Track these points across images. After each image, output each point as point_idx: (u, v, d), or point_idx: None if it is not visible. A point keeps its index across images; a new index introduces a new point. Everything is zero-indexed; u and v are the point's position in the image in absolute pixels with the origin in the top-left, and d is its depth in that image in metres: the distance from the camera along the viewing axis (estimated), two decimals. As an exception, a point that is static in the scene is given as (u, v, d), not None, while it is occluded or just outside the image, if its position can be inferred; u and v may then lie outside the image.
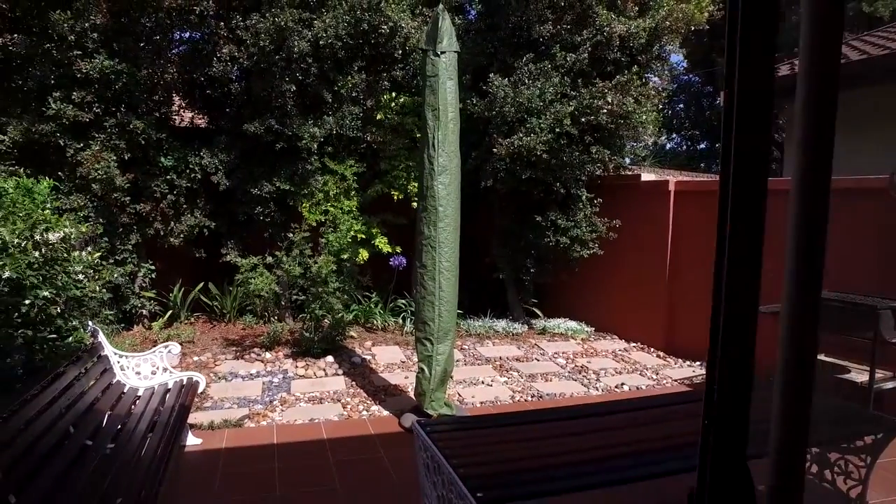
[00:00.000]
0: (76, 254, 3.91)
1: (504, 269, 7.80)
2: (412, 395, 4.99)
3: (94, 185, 6.06)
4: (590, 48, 6.66)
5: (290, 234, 6.70)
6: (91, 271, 4.10)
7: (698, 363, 6.35)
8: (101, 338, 3.90)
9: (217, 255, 7.09)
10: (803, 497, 0.83)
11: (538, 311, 7.95)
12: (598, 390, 5.58)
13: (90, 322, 3.96)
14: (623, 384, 5.71)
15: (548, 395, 5.40)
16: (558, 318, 7.87)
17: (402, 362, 6.22)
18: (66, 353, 3.62)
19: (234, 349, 6.42)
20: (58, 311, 3.63)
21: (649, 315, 7.01)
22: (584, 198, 7.08)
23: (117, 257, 6.49)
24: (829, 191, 0.77)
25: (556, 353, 6.72)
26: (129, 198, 6.43)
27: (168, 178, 6.64)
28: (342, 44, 6.52)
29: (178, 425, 3.48)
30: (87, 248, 5.11)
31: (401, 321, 7.55)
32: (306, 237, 6.60)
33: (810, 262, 0.79)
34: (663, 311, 6.83)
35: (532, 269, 7.51)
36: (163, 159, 6.61)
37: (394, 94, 7.46)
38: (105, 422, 3.41)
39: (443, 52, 4.38)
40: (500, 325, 7.58)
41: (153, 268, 6.88)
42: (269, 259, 6.56)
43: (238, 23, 6.29)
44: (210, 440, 4.18)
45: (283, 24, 6.07)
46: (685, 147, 26.11)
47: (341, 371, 5.88)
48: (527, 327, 7.70)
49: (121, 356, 4.04)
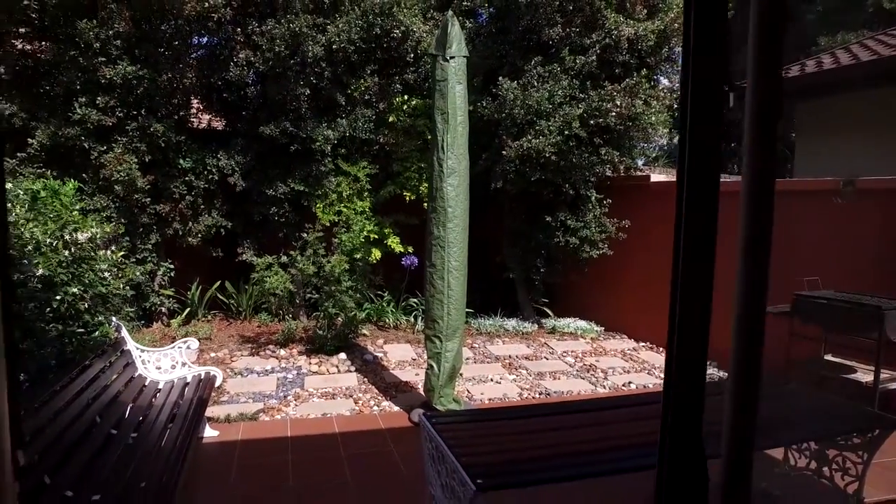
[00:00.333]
0: (101, 253, 4.11)
1: (514, 268, 7.89)
2: (422, 391, 5.10)
3: (116, 186, 6.28)
4: (598, 51, 6.73)
5: (305, 234, 6.86)
6: (115, 269, 4.30)
7: (708, 363, 6.38)
8: (125, 333, 4.08)
9: (233, 254, 7.30)
10: (750, 494, 0.87)
11: (548, 311, 8.04)
12: (605, 388, 5.66)
13: (114, 318, 4.16)
14: (630, 382, 5.78)
15: (555, 392, 5.49)
16: (568, 318, 7.95)
17: (413, 360, 6.34)
18: (93, 347, 3.82)
19: (249, 346, 6.60)
20: (85, 306, 3.83)
21: (658, 315, 7.04)
22: (593, 198, 7.15)
23: (138, 256, 6.71)
24: (774, 196, 0.85)
25: (565, 351, 6.81)
26: (149, 199, 6.64)
27: (186, 179, 6.84)
28: (355, 48, 6.68)
29: (196, 417, 3.64)
30: (112, 248, 5.31)
31: (412, 320, 7.68)
32: (320, 237, 6.75)
33: (758, 266, 0.84)
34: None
35: (542, 269, 7.60)
36: (181, 161, 6.81)
37: (405, 96, 7.59)
38: (128, 413, 3.59)
39: (452, 58, 4.49)
40: (511, 324, 7.68)
41: (172, 266, 7.09)
42: (284, 258, 6.72)
43: (254, 28, 6.48)
44: (226, 432, 4.34)
45: (297, 29, 6.24)
46: (700, 146, 25.98)
47: (353, 368, 6.02)
48: (537, 326, 7.79)
49: (142, 351, 4.22)
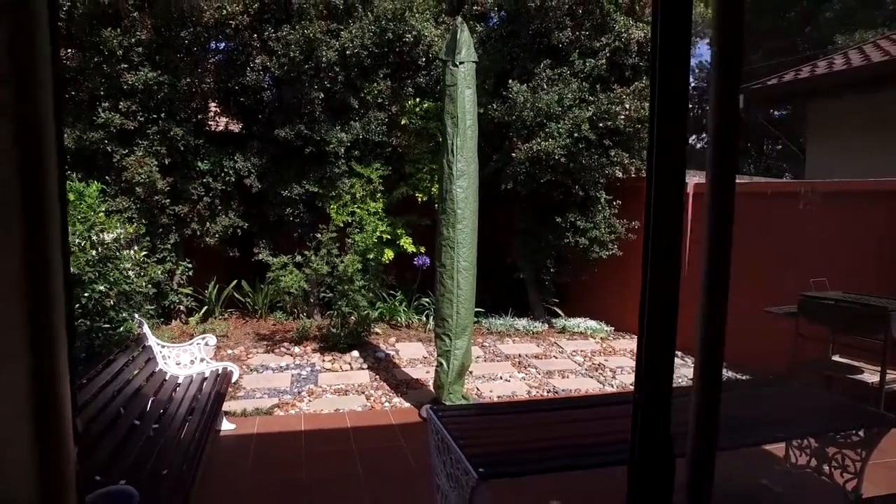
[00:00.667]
0: (125, 252, 4.30)
1: (525, 269, 7.98)
2: (432, 388, 5.22)
3: (137, 188, 6.49)
4: (608, 54, 6.81)
5: (319, 235, 7.02)
6: (138, 268, 4.49)
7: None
8: (146, 329, 4.26)
9: (249, 254, 7.48)
10: (712, 490, 0.90)
11: (559, 311, 8.11)
12: (612, 387, 5.73)
13: (136, 314, 4.34)
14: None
15: (563, 390, 5.57)
16: (578, 318, 8.02)
17: (424, 358, 6.46)
18: (117, 342, 4.01)
19: (265, 343, 6.77)
20: (111, 303, 4.02)
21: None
22: (602, 200, 7.21)
23: (158, 256, 6.91)
24: (734, 199, 0.93)
25: (574, 350, 6.88)
26: (168, 200, 6.85)
27: (204, 181, 7.04)
28: (368, 53, 6.82)
29: (214, 411, 3.80)
30: (134, 247, 5.51)
31: (424, 319, 7.80)
32: (333, 237, 6.91)
33: (720, 269, 0.88)
34: (681, 312, 6.90)
35: (552, 270, 7.68)
36: (200, 163, 7.01)
37: (417, 99, 7.71)
38: (149, 406, 3.75)
39: (461, 63, 4.60)
40: (521, 323, 7.77)
41: (190, 266, 7.29)
42: (299, 258, 6.88)
43: (270, 34, 6.66)
44: (243, 426, 4.50)
45: (311, 35, 6.41)
46: (715, 147, 25.79)
47: (366, 365, 6.16)
48: (547, 326, 7.87)
49: (163, 347, 4.39)
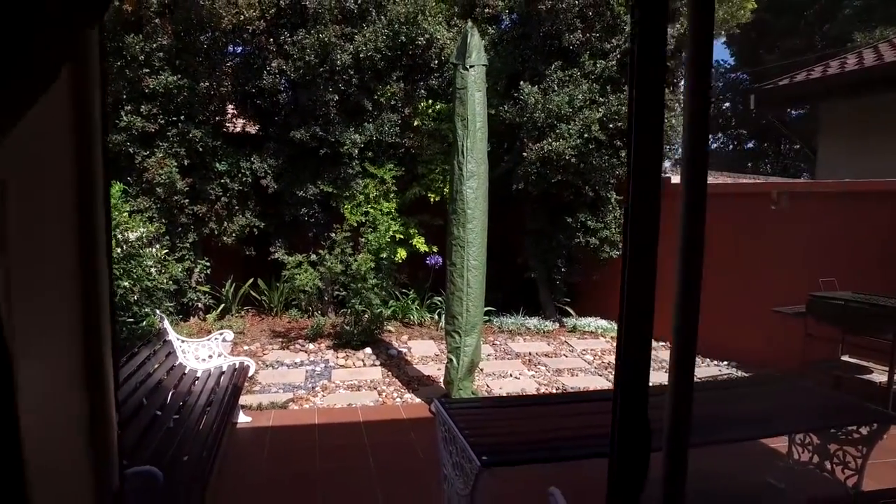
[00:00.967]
0: (146, 250, 4.47)
1: (536, 268, 8.05)
2: (443, 384, 5.33)
3: (157, 188, 6.68)
4: (618, 55, 6.86)
5: (333, 234, 7.17)
6: (159, 266, 4.65)
7: (725, 362, 6.46)
8: (167, 325, 4.43)
9: (265, 253, 7.66)
10: (685, 481, 0.94)
11: (570, 310, 8.17)
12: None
13: (157, 310, 4.51)
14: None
15: (572, 388, 5.64)
16: (589, 317, 8.07)
17: (436, 355, 6.57)
18: (140, 335, 4.17)
19: (280, 340, 6.93)
20: (134, 298, 4.19)
21: (677, 315, 7.12)
22: (613, 200, 7.27)
23: (177, 255, 7.11)
24: (706, 201, 1.01)
25: (584, 349, 6.95)
26: (187, 200, 7.04)
27: (222, 181, 7.22)
28: (381, 56, 6.96)
29: (231, 403, 3.95)
30: (156, 246, 5.70)
31: (436, 317, 7.91)
32: (347, 237, 7.06)
33: (692, 269, 0.93)
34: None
35: (563, 269, 7.75)
36: (217, 164, 7.19)
37: (430, 101, 7.83)
38: (169, 398, 3.91)
39: (471, 66, 4.70)
40: (532, 322, 7.84)
41: (208, 264, 7.49)
42: (313, 257, 7.04)
43: (286, 39, 6.82)
44: (258, 419, 4.64)
45: (326, 39, 6.56)
46: (731, 147, 25.46)
47: (378, 362, 6.29)
48: (558, 325, 7.94)
49: (182, 341, 4.56)
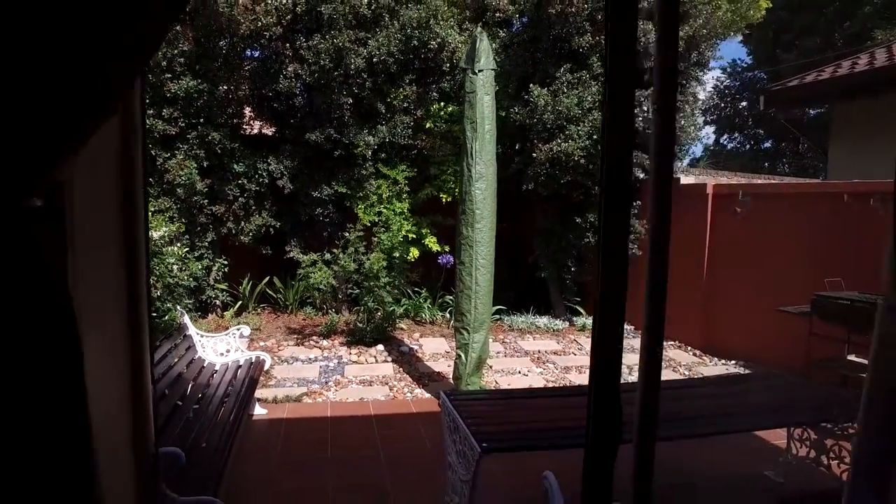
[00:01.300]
0: (168, 248, 4.67)
1: (546, 268, 8.15)
2: (452, 380, 5.46)
3: (178, 189, 6.91)
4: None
5: (347, 234, 7.34)
6: (180, 263, 4.85)
7: (733, 362, 6.51)
8: (187, 320, 4.62)
9: (281, 252, 7.86)
10: (653, 471, 1.00)
11: (580, 309, 8.25)
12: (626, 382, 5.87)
13: (178, 306, 4.71)
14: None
15: (579, 385, 5.74)
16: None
17: (447, 352, 6.71)
18: (162, 329, 4.37)
19: (295, 336, 7.12)
20: (156, 294, 4.38)
21: (687, 314, 7.19)
22: (622, 200, 7.33)
23: (196, 253, 7.33)
24: (671, 201, 1.12)
25: (593, 348, 7.02)
26: (206, 200, 7.26)
27: (239, 182, 7.44)
28: (394, 59, 7.11)
29: (247, 395, 4.12)
30: (177, 244, 5.91)
31: (448, 315, 8.04)
32: (361, 236, 7.22)
33: (659, 269, 1.01)
34: (701, 311, 7.01)
35: (573, 269, 7.84)
36: (235, 166, 7.41)
37: (442, 103, 7.97)
38: (190, 389, 4.10)
39: (480, 71, 4.83)
40: (542, 321, 7.94)
41: (226, 263, 7.70)
42: (328, 256, 7.22)
43: (301, 44, 7.01)
44: (274, 411, 4.82)
45: (340, 44, 6.73)
46: (748, 146, 25.15)
47: (390, 358, 6.44)
48: (568, 324, 8.03)
49: (202, 336, 4.75)
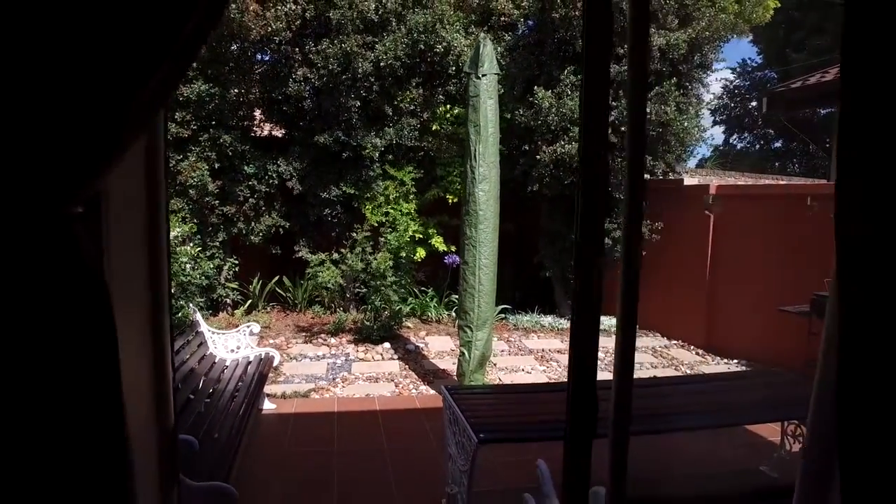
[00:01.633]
0: (181, 248, 4.82)
1: (551, 268, 8.24)
2: (455, 377, 5.58)
3: (190, 190, 7.09)
4: (630, 60, 7.00)
5: (354, 234, 7.48)
6: (193, 262, 5.01)
7: (735, 361, 6.58)
8: (199, 317, 4.78)
9: (290, 251, 8.02)
10: (626, 463, 1.07)
11: (584, 309, 8.32)
12: (630, 381, 5.96)
13: (190, 304, 4.87)
14: (654, 377, 6.05)
15: (581, 383, 5.83)
16: (603, 316, 8.12)
17: (452, 350, 6.82)
18: (176, 326, 4.52)
19: (303, 334, 7.28)
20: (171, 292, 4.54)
21: (690, 314, 7.26)
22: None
23: (208, 253, 7.51)
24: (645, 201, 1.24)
25: (596, 347, 7.11)
26: (217, 201, 7.44)
27: (250, 183, 7.61)
28: (401, 63, 7.25)
29: (257, 390, 4.27)
30: (190, 244, 6.08)
31: (454, 314, 8.15)
32: (368, 236, 7.37)
33: (631, 270, 1.09)
34: (704, 311, 7.08)
35: (577, 269, 7.91)
36: (246, 167, 7.58)
37: (448, 106, 8.09)
38: (201, 384, 4.25)
39: (484, 75, 4.95)
40: (547, 320, 8.04)
41: (237, 262, 7.88)
42: (336, 255, 7.36)
43: (310, 48, 7.17)
44: (282, 406, 4.97)
45: (348, 48, 6.88)
46: (758, 146, 25.01)
47: (396, 356, 6.57)
48: (572, 323, 8.11)
49: (213, 333, 4.90)
